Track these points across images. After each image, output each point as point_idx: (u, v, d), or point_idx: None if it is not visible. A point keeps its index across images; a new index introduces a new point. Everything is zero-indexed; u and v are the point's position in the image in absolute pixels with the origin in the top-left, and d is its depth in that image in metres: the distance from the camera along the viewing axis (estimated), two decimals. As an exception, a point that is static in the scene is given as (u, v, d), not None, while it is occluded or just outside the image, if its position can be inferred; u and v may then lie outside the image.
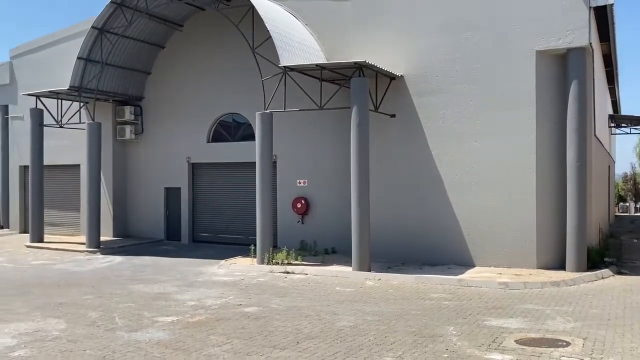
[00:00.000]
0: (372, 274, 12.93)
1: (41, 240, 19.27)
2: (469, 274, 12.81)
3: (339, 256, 15.32)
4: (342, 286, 12.04)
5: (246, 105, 17.91)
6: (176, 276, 13.47)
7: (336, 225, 16.10)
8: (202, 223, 19.67)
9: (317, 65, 13.99)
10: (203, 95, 19.11)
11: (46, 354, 7.30)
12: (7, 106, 23.37)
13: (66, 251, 17.87)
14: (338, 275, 13.19)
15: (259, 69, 14.94)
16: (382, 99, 14.87)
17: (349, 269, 13.38)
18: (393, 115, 14.98)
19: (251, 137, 17.73)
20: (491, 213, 13.82)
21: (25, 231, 22.10)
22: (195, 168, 19.68)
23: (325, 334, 8.25)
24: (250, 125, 18.06)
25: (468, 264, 13.94)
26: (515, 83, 13.59)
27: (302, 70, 14.48)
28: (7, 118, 23.31)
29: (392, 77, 14.79)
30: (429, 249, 14.46)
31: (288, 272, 13.57)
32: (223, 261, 15.15)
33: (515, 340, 7.78)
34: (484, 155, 13.94)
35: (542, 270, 13.04)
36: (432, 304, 10.20)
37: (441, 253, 14.29)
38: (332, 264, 14.18)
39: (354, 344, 7.75)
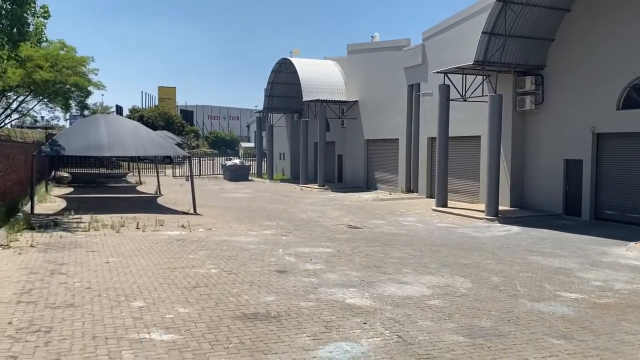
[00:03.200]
0: None
1: (445, 205, 21.18)
2: None
3: None
4: None
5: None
6: (577, 252, 12.77)
7: None
8: (606, 199, 17.95)
9: None
10: (613, 56, 17.18)
11: (456, 307, 8.06)
12: (419, 84, 26.35)
13: (466, 217, 19.16)
14: None
15: (693, 19, 12.42)
16: None
17: None
18: None
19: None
20: None
21: (431, 196, 24.70)
22: (600, 138, 18.01)
23: None
24: (675, 87, 15.33)
25: None
26: None
27: None
28: (419, 95, 26.30)
29: None
30: None
31: None
32: (633, 243, 13.51)
33: None
34: None
35: None
36: None
37: None
38: None
39: None
